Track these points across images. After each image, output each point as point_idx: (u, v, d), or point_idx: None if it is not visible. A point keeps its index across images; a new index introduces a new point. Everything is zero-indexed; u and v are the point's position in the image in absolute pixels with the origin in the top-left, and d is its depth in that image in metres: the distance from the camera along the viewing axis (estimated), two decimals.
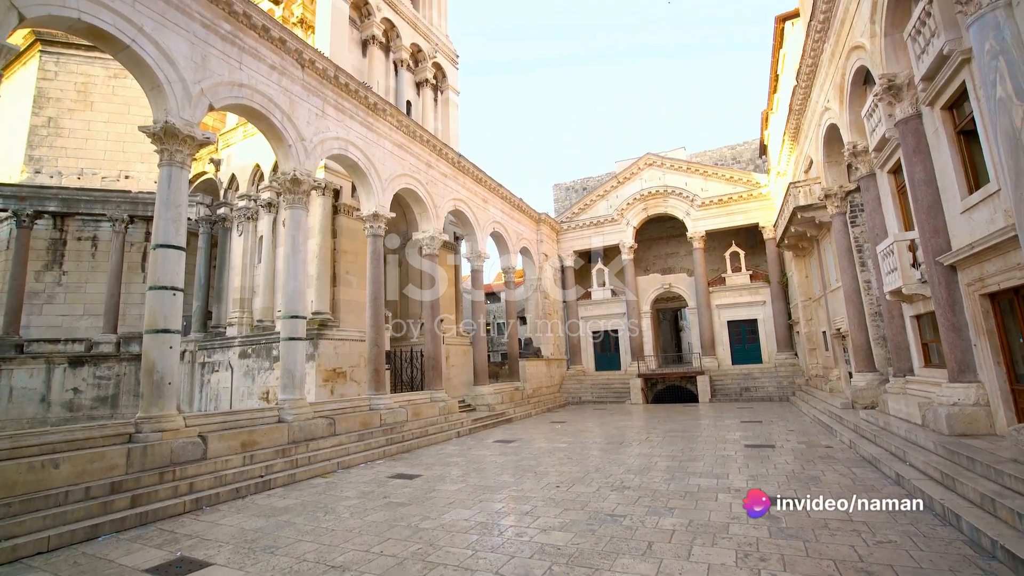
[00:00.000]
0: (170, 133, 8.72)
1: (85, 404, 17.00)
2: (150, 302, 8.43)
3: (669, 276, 27.33)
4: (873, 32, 9.15)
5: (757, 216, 24.54)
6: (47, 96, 20.06)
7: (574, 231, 28.39)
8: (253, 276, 17.14)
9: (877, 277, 11.38)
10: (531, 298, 26.32)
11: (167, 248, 8.58)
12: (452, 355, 20.11)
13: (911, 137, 8.63)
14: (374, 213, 13.98)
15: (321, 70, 12.31)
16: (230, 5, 10.01)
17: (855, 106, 11.16)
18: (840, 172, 13.78)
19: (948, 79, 7.46)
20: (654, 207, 26.71)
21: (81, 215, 18.62)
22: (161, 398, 8.17)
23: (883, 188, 11.17)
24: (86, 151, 20.19)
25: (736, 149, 31.41)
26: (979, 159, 7.38)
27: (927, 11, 7.22)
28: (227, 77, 9.96)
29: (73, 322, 18.32)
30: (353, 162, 13.51)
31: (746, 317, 24.97)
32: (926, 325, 9.94)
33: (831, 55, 12.03)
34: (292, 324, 11.10)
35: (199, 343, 17.42)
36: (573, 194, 35.03)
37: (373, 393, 13.26)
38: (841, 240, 13.61)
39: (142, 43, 8.46)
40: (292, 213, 11.58)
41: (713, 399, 22.12)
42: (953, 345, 7.67)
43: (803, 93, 14.77)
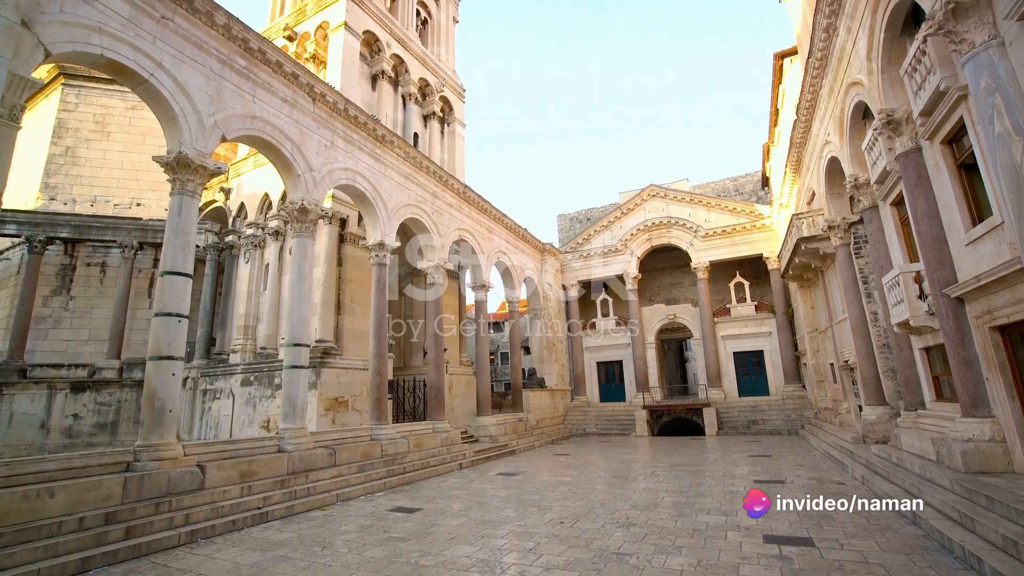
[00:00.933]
0: (183, 163, 8.92)
1: (84, 431, 16.86)
2: (155, 328, 8.45)
3: (674, 307, 27.24)
4: (870, 69, 9.35)
5: (761, 247, 24.59)
6: (66, 126, 20.70)
7: (578, 261, 28.49)
8: (258, 303, 17.21)
9: (884, 309, 11.29)
10: (535, 328, 26.22)
11: (174, 275, 8.66)
12: (455, 385, 19.93)
13: (912, 170, 8.70)
14: (380, 242, 14.12)
15: (331, 103, 12.66)
16: (246, 42, 10.39)
17: (855, 139, 11.32)
18: (843, 204, 13.86)
19: (946, 114, 7.57)
20: (658, 237, 26.85)
21: (92, 241, 18.92)
22: (161, 426, 8.09)
23: (886, 220, 11.20)
24: (100, 179, 20.67)
25: (739, 181, 31.77)
26: (981, 192, 7.42)
27: (922, 50, 7.38)
28: (240, 109, 10.26)
29: (78, 347, 18.37)
30: (360, 192, 13.73)
31: (752, 348, 24.71)
32: (936, 358, 9.80)
33: (830, 90, 12.28)
34: (295, 352, 11.07)
35: (201, 370, 17.36)
36: (577, 224, 35.33)
37: (375, 423, 13.09)
38: (846, 271, 13.58)
39: (160, 77, 8.76)
40: (299, 242, 11.71)
41: (720, 432, 21.68)
42: (965, 379, 7.53)
43: (803, 127, 15.02)
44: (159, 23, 8.85)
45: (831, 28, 10.91)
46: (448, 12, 25.29)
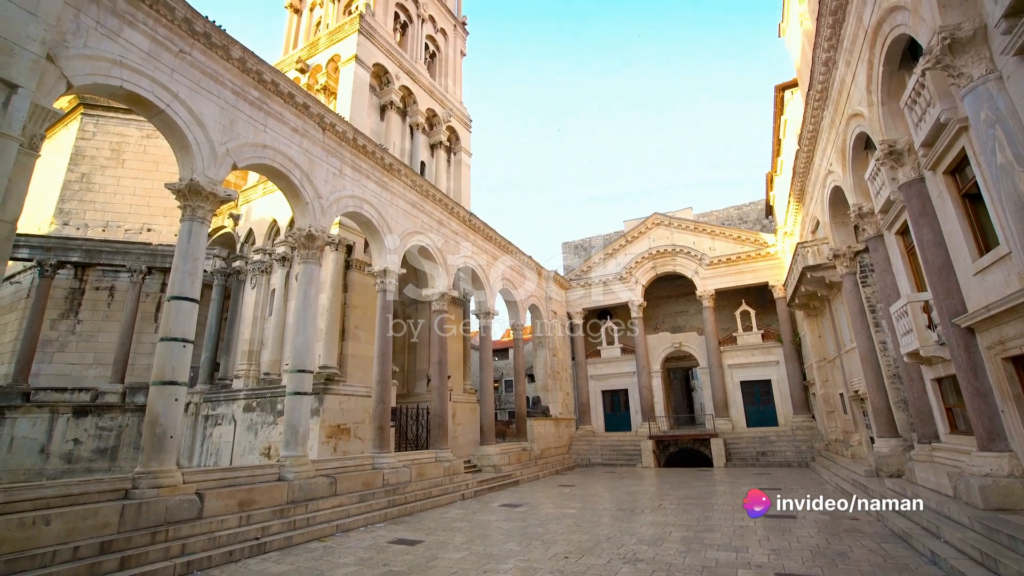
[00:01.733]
0: (194, 190, 9.10)
1: (84, 456, 16.69)
2: (160, 353, 8.46)
3: (679, 335, 27.04)
4: (870, 101, 9.49)
5: (766, 275, 24.53)
6: (83, 154, 21.24)
7: (583, 289, 28.48)
8: (263, 329, 17.24)
9: (892, 338, 11.16)
10: (539, 356, 26.04)
11: (181, 300, 8.72)
12: (458, 413, 19.69)
13: (916, 200, 8.72)
14: (385, 269, 14.20)
15: (340, 133, 12.96)
16: (260, 74, 10.72)
17: (858, 169, 11.40)
18: (847, 233, 13.87)
19: (947, 145, 7.63)
20: (663, 266, 26.87)
21: (101, 265, 19.14)
22: (162, 452, 8.01)
23: (892, 249, 11.18)
24: (113, 205, 21.07)
25: (743, 209, 31.96)
26: (986, 221, 7.39)
27: (921, 83, 7.50)
28: (252, 139, 10.50)
29: (82, 371, 18.37)
30: (367, 219, 13.90)
31: (759, 377, 24.38)
32: (948, 389, 9.61)
33: (831, 122, 12.45)
34: (299, 378, 11.02)
35: (204, 395, 17.27)
36: (582, 252, 35.48)
37: (377, 451, 12.90)
38: (852, 300, 13.48)
39: (176, 108, 9.02)
40: (305, 268, 11.80)
41: (728, 463, 21.18)
42: (979, 411, 7.36)
43: (806, 157, 15.18)
44: (177, 56, 9.17)
45: (830, 62, 11.13)
46: (456, 46, 26.08)
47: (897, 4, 7.55)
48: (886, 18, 8.10)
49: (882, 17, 8.19)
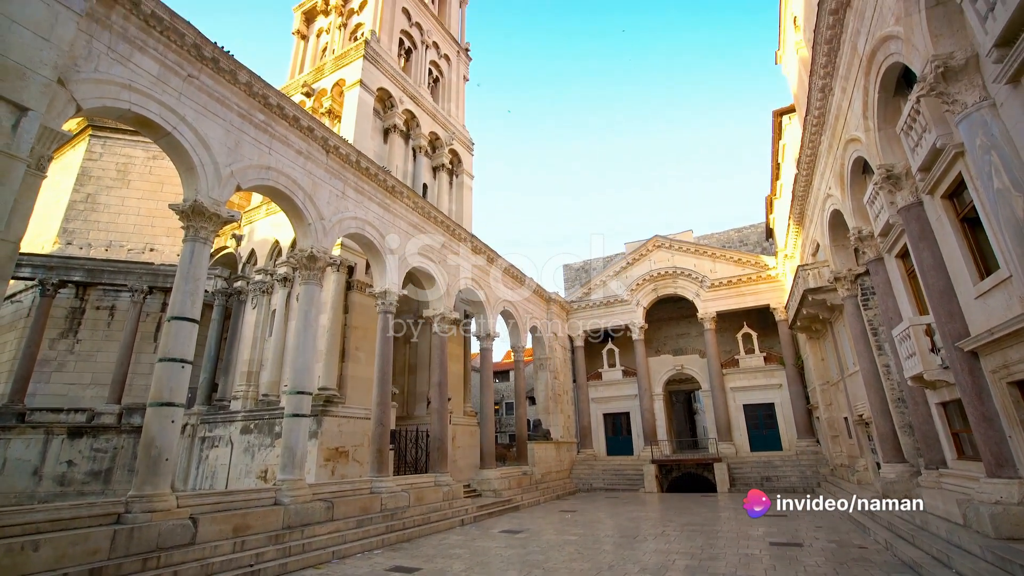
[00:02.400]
0: (198, 211, 9.17)
1: (77, 478, 16.43)
2: (158, 374, 8.40)
3: (681, 357, 26.88)
4: (867, 127, 9.61)
5: (767, 298, 24.50)
6: (89, 174, 21.50)
7: (584, 311, 28.43)
8: (263, 349, 17.16)
9: (896, 362, 11.07)
10: (540, 378, 25.84)
11: (181, 320, 8.71)
12: (458, 436, 19.45)
13: (915, 224, 8.76)
14: (386, 290, 14.21)
15: (344, 155, 13.12)
16: (266, 98, 10.92)
17: (857, 193, 11.49)
18: (848, 255, 13.91)
19: (944, 170, 7.70)
20: (664, 288, 26.87)
21: (103, 285, 19.18)
22: (156, 475, 7.88)
23: (892, 272, 11.19)
24: (117, 225, 21.22)
25: (743, 232, 32.13)
26: (986, 245, 7.41)
27: (916, 109, 7.60)
28: (256, 160, 10.64)
29: (79, 391, 18.23)
30: (369, 241, 13.97)
31: (762, 401, 24.13)
32: (954, 413, 9.49)
33: (829, 146, 12.60)
34: (297, 400, 10.92)
35: (201, 416, 17.09)
36: (583, 275, 35.55)
37: (375, 475, 12.70)
38: (855, 323, 13.43)
39: (183, 130, 9.16)
40: (306, 289, 11.80)
41: (732, 489, 20.80)
42: (986, 437, 7.25)
43: (804, 180, 15.31)
44: (185, 80, 9.36)
45: (827, 88, 11.33)
46: (459, 71, 26.63)
47: (890, 33, 7.71)
48: (880, 46, 8.26)
49: (876, 46, 8.35)
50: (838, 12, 9.55)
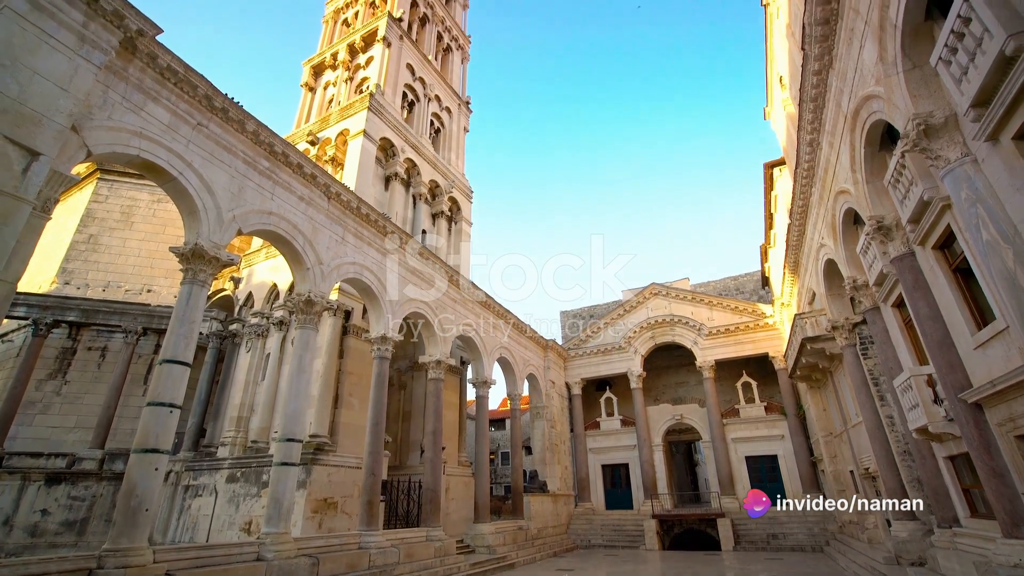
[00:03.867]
0: (197, 254, 9.23)
1: (50, 529, 15.65)
2: (145, 418, 8.17)
3: (680, 407, 26.42)
4: (855, 179, 9.88)
5: (766, 346, 24.39)
6: (94, 216, 21.79)
7: (582, 358, 28.18)
8: (255, 394, 16.81)
9: (899, 413, 10.88)
10: (537, 427, 25.26)
11: (173, 363, 8.57)
12: (452, 487, 18.78)
13: (908, 274, 8.84)
14: (383, 336, 14.12)
15: (345, 202, 13.37)
16: (271, 146, 11.24)
17: (849, 243, 11.66)
18: (844, 304, 13.96)
19: (933, 222, 7.83)
20: (661, 335, 26.77)
21: (97, 325, 19.01)
22: (134, 527, 7.51)
23: (889, 321, 11.19)
24: (116, 265, 21.30)
25: (739, 280, 32.37)
26: (980, 295, 7.45)
27: (901, 163, 7.83)
28: (259, 205, 10.82)
29: (62, 435, 17.69)
30: (367, 286, 14.01)
31: (765, 452, 23.52)
32: (963, 468, 9.23)
33: (820, 197, 12.91)
34: (287, 448, 10.60)
35: (186, 463, 16.51)
36: (580, 321, 35.48)
37: (364, 528, 12.14)
38: (855, 372, 13.30)
39: (188, 176, 9.37)
40: (302, 333, 11.72)
41: (737, 547, 19.91)
42: (998, 494, 7.00)
43: (797, 230, 15.59)
44: (195, 128, 9.66)
45: (814, 143, 11.74)
46: (460, 123, 27.63)
47: (872, 93, 8.07)
48: (863, 105, 8.63)
49: (859, 104, 8.72)
50: (821, 73, 10.04)
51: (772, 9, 15.57)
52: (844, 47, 8.80)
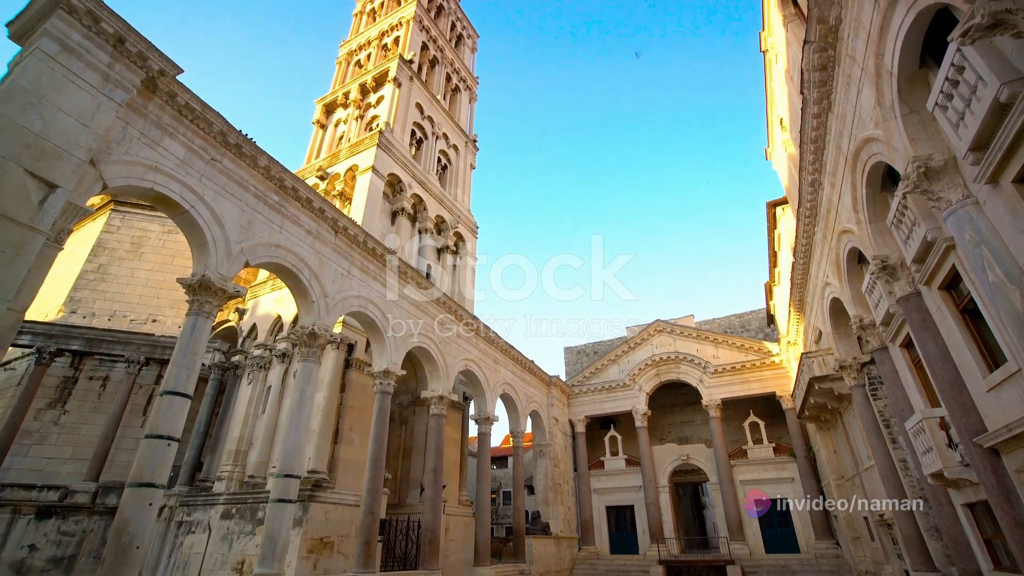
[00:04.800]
0: (204, 286, 9.31)
1: (36, 566, 15.17)
2: (142, 451, 8.05)
3: (686, 446, 25.82)
4: (858, 219, 9.93)
5: (773, 385, 24.00)
6: (104, 246, 22.13)
7: (586, 395, 27.78)
8: (254, 427, 16.57)
9: (912, 456, 10.57)
10: (540, 465, 24.66)
11: (174, 395, 8.51)
12: (452, 527, 18.20)
13: (915, 314, 8.76)
14: (385, 370, 14.03)
15: (352, 236, 13.55)
16: (281, 181, 11.50)
17: (854, 282, 11.63)
18: (851, 343, 13.80)
19: (938, 262, 7.81)
20: (666, 373, 26.44)
21: (100, 355, 18.98)
22: (123, 565, 7.28)
23: (898, 361, 11.03)
24: (123, 295, 21.46)
25: (744, 318, 32.19)
26: (989, 335, 7.34)
27: (903, 204, 7.89)
28: (267, 239, 10.97)
29: (57, 466, 17.39)
30: (371, 319, 14.01)
31: (774, 495, 22.76)
32: (983, 516, 8.88)
33: (823, 236, 12.96)
34: (284, 484, 10.38)
35: (181, 498, 16.12)
36: (584, 357, 35.19)
37: (361, 570, 11.75)
38: (865, 414, 13.02)
39: (200, 209, 9.56)
40: (304, 366, 11.66)
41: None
42: (1022, 546, 6.71)
43: (802, 269, 15.60)
44: (208, 163, 9.92)
45: (816, 183, 11.88)
46: (466, 160, 28.27)
47: (871, 136, 8.22)
48: (863, 147, 8.77)
49: (859, 146, 8.87)
50: (820, 116, 10.26)
51: (771, 55, 16.10)
52: (842, 91, 9.03)
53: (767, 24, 15.24)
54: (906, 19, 6.31)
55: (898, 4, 6.36)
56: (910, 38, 6.47)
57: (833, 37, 8.44)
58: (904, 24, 6.37)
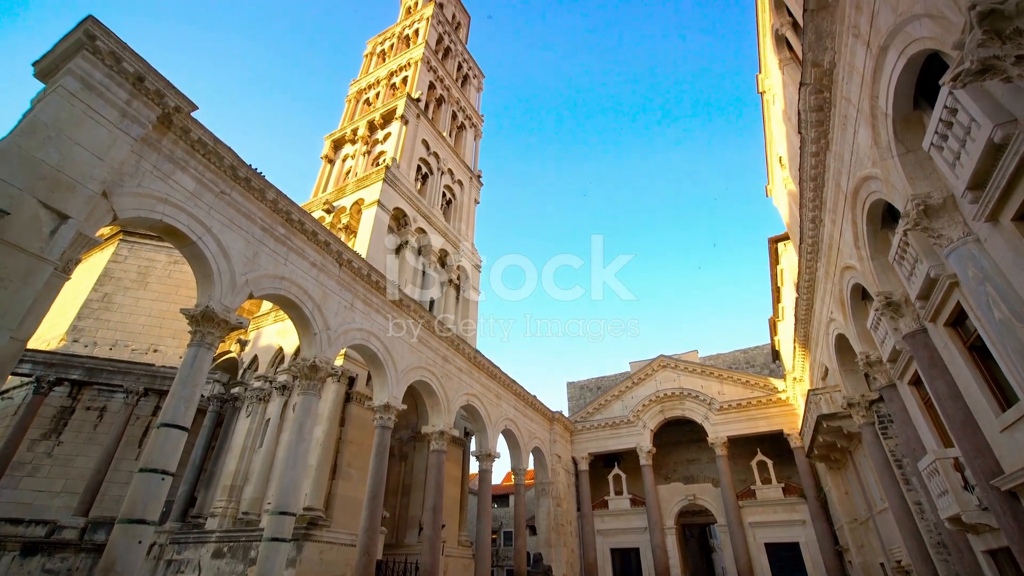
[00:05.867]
0: (207, 317, 9.32)
1: None
2: (135, 485, 7.88)
3: (693, 486, 25.11)
4: (860, 256, 9.94)
5: (780, 422, 23.52)
6: (111, 275, 22.30)
7: (589, 432, 27.25)
8: (251, 461, 16.26)
9: (928, 499, 10.23)
10: (542, 505, 23.96)
11: (171, 427, 8.40)
12: (451, 569, 17.55)
13: (923, 351, 8.64)
14: (386, 404, 13.86)
15: (356, 268, 13.65)
16: (288, 214, 11.68)
17: (859, 318, 11.55)
18: (858, 380, 13.59)
19: (943, 299, 7.75)
20: (671, 409, 25.99)
21: (99, 384, 18.83)
22: None
23: (908, 399, 10.82)
24: (126, 324, 21.47)
25: (749, 353, 31.88)
26: (1000, 373, 7.22)
27: (905, 241, 7.89)
28: (272, 270, 11.06)
29: (47, 499, 16.98)
30: (372, 353, 13.95)
31: (786, 539, 21.96)
32: (1006, 564, 8.49)
33: (826, 272, 12.96)
34: (279, 522, 10.09)
35: (172, 535, 15.65)
36: (588, 393, 34.73)
37: None
38: (876, 453, 12.68)
39: (207, 241, 9.68)
40: (304, 399, 11.53)
41: None
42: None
43: (805, 304, 15.53)
44: (218, 196, 10.11)
45: (816, 219, 11.97)
46: (471, 195, 28.74)
47: (869, 174, 8.32)
48: (861, 185, 8.87)
49: (858, 184, 8.98)
50: (819, 155, 10.44)
51: (768, 96, 16.55)
52: (839, 131, 9.22)
53: (764, 67, 15.74)
54: (898, 63, 6.49)
55: (889, 49, 6.56)
56: (903, 81, 6.64)
57: (828, 80, 8.68)
58: (896, 68, 6.56)
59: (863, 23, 7.03)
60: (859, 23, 7.15)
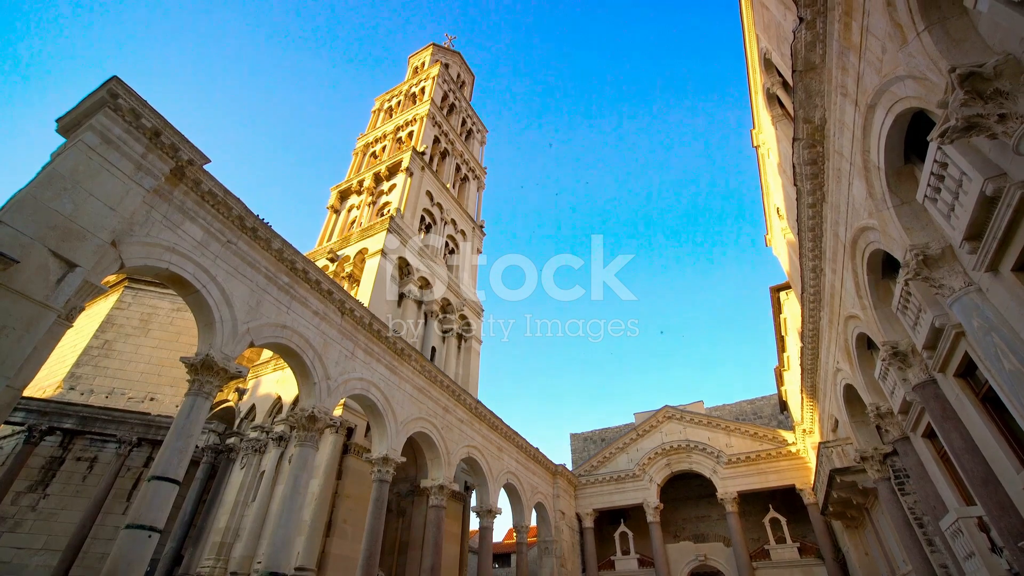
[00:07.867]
0: (207, 365, 9.24)
1: None
2: (120, 544, 7.54)
3: (703, 545, 23.93)
4: (863, 305, 9.91)
5: (791, 476, 22.67)
6: (113, 322, 22.30)
7: (593, 486, 26.27)
8: (242, 517, 15.60)
9: (953, 561, 9.68)
10: (545, 564, 22.74)
11: (162, 481, 8.14)
12: None
13: (934, 402, 8.44)
14: (385, 456, 13.49)
15: (358, 317, 13.64)
16: (292, 263, 11.82)
17: (866, 368, 11.35)
18: (870, 432, 13.21)
19: (950, 349, 7.60)
20: (677, 463, 25.16)
21: (91, 434, 18.41)
22: None
23: (923, 453, 10.47)
24: (125, 372, 21.26)
25: (756, 404, 31.21)
26: (1016, 426, 7.01)
27: (907, 291, 7.88)
28: (274, 319, 11.07)
29: (26, 557, 16.20)
30: (372, 403, 13.71)
31: None
32: None
33: (829, 321, 12.88)
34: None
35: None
36: (591, 445, 33.80)
37: None
38: (894, 511, 12.13)
39: (211, 289, 9.75)
40: (300, 451, 11.24)
41: None
42: None
43: (811, 354, 15.34)
44: (224, 245, 10.27)
45: (817, 269, 12.03)
46: (473, 244, 29.16)
47: (866, 225, 8.43)
48: (859, 235, 8.97)
49: (856, 234, 9.08)
50: (815, 206, 10.64)
51: (763, 150, 17.09)
52: (833, 183, 9.43)
53: (757, 123, 16.33)
54: (886, 120, 6.73)
55: (877, 107, 6.82)
56: (892, 137, 6.86)
57: (820, 135, 8.97)
58: (885, 125, 6.79)
59: (850, 83, 7.34)
60: (846, 83, 7.47)
